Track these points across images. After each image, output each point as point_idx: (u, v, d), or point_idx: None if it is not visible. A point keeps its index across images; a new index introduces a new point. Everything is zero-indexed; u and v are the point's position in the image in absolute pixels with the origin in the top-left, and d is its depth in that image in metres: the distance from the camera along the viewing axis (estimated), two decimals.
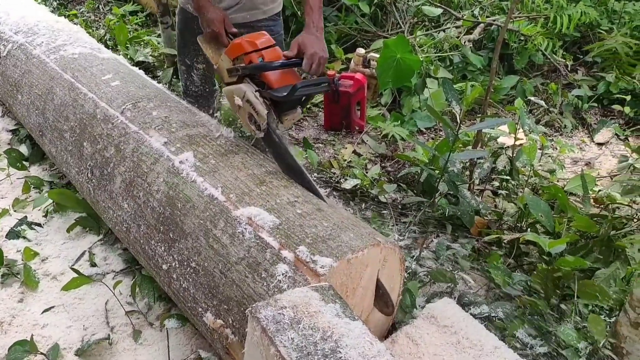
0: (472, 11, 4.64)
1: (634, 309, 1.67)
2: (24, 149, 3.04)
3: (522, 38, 4.26)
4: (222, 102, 3.05)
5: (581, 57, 4.58)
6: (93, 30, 4.71)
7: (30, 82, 2.71)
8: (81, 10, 5.31)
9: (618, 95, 4.08)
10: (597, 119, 4.09)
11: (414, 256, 2.42)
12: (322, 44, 1.95)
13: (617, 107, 4.04)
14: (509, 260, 2.44)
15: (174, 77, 3.91)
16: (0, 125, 3.24)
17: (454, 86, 2.88)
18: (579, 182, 2.73)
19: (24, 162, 2.94)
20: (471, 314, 2.00)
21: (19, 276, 2.23)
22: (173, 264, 1.82)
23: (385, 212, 2.80)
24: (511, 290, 2.14)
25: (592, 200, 2.82)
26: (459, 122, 2.02)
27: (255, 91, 1.88)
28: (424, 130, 3.81)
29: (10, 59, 2.93)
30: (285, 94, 1.83)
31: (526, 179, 2.88)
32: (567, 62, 4.33)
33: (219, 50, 2.06)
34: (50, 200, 2.57)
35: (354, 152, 3.41)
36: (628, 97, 4.01)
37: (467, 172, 2.85)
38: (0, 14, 3.25)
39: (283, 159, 1.95)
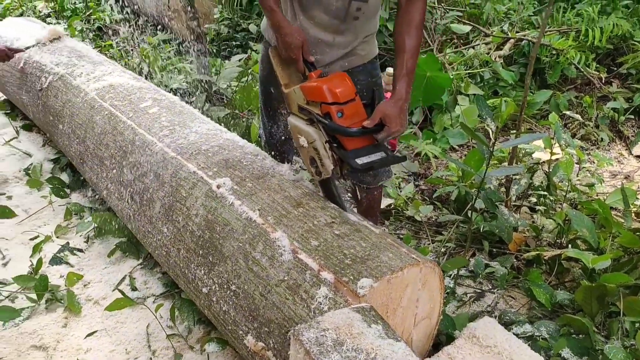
0: (502, 27, 4.62)
1: None
2: (65, 177, 3.13)
3: (553, 52, 4.21)
4: None
5: (615, 69, 4.50)
6: (128, 60, 4.85)
7: (71, 111, 2.80)
8: (116, 41, 5.47)
9: None
10: (634, 131, 4.00)
11: (451, 275, 2.39)
12: (405, 117, 1.82)
13: None
14: (550, 277, 2.39)
15: (207, 102, 3.99)
16: (42, 155, 3.35)
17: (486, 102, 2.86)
18: (619, 196, 2.66)
19: (65, 190, 3.03)
20: (514, 333, 1.96)
21: (62, 301, 2.28)
22: (213, 287, 1.84)
23: (420, 231, 2.79)
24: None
25: (633, 214, 2.75)
26: (494, 138, 2.00)
27: (326, 142, 1.77)
28: (457, 147, 3.79)
29: (51, 90, 3.04)
30: (361, 165, 1.70)
31: (564, 194, 2.82)
32: (601, 75, 4.26)
33: (291, 75, 1.92)
34: (93, 226, 2.64)
35: None
36: None
37: (503, 189, 2.81)
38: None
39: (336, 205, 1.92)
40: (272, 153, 2.38)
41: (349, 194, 2.41)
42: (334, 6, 1.86)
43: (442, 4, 5.02)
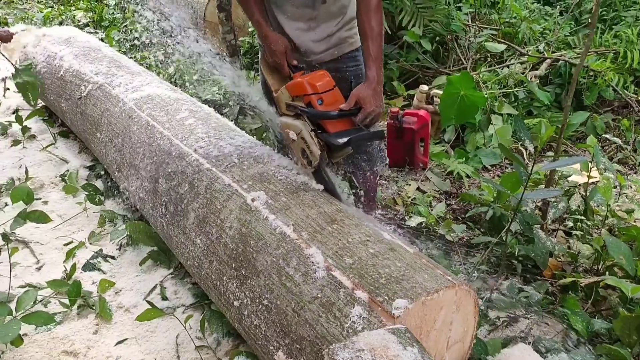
0: (537, 46, 4.58)
1: None
2: (99, 184, 3.18)
3: (591, 73, 4.15)
4: None
5: None
6: (163, 70, 4.93)
7: (109, 120, 2.85)
8: (152, 51, 5.57)
9: None
10: None
11: (483, 297, 2.35)
12: (380, 99, 1.98)
13: None
14: (586, 305, 2.33)
15: (240, 114, 4.02)
16: (78, 162, 3.41)
17: None
18: None
19: (100, 197, 3.07)
20: None
21: (94, 308, 2.30)
22: (245, 301, 1.83)
23: (451, 251, 2.75)
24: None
25: None
26: (533, 160, 1.97)
27: (311, 131, 1.94)
28: (489, 167, 3.74)
29: (90, 98, 3.11)
30: (340, 142, 1.88)
31: (601, 219, 2.76)
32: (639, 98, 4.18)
33: (280, 80, 2.14)
34: (125, 234, 2.67)
35: (418, 189, 3.37)
36: None
37: (537, 211, 2.76)
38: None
39: (330, 194, 2.04)
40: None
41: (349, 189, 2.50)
42: None
43: (476, 22, 5.00)
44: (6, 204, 2.99)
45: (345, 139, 1.88)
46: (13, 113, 4.12)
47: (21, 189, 2.58)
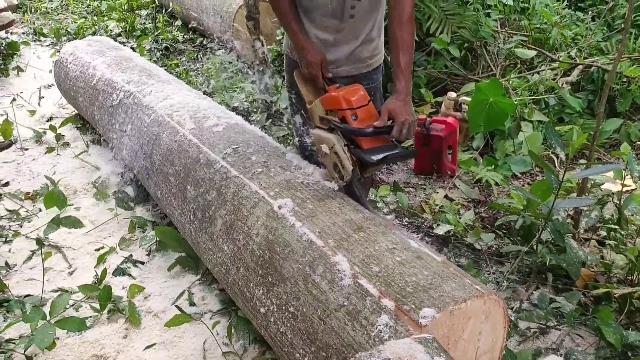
0: (569, 52, 4.50)
1: None
2: (130, 191, 3.24)
3: (624, 79, 4.06)
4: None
5: None
6: (192, 78, 5.00)
7: (140, 128, 2.90)
8: (182, 60, 5.66)
9: None
10: None
11: (513, 307, 2.31)
12: (410, 108, 1.97)
13: None
14: (620, 316, 2.27)
15: (267, 122, 4.05)
16: (110, 168, 3.48)
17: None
18: None
19: (130, 203, 3.12)
20: None
21: (124, 312, 2.34)
22: (271, 308, 1.84)
23: (480, 260, 2.71)
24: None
25: None
26: (565, 168, 1.93)
27: (344, 145, 1.93)
28: (519, 175, 3.68)
29: (122, 107, 3.16)
30: (375, 160, 1.86)
31: (636, 228, 2.69)
32: None
33: (314, 91, 2.14)
34: (155, 240, 2.70)
35: (446, 196, 3.34)
36: None
37: (569, 220, 2.70)
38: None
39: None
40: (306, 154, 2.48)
41: None
42: (330, 7, 2.07)
43: (506, 28, 4.94)
44: (40, 210, 3.06)
45: (380, 156, 1.86)
46: (47, 121, 4.24)
47: (52, 194, 2.65)
